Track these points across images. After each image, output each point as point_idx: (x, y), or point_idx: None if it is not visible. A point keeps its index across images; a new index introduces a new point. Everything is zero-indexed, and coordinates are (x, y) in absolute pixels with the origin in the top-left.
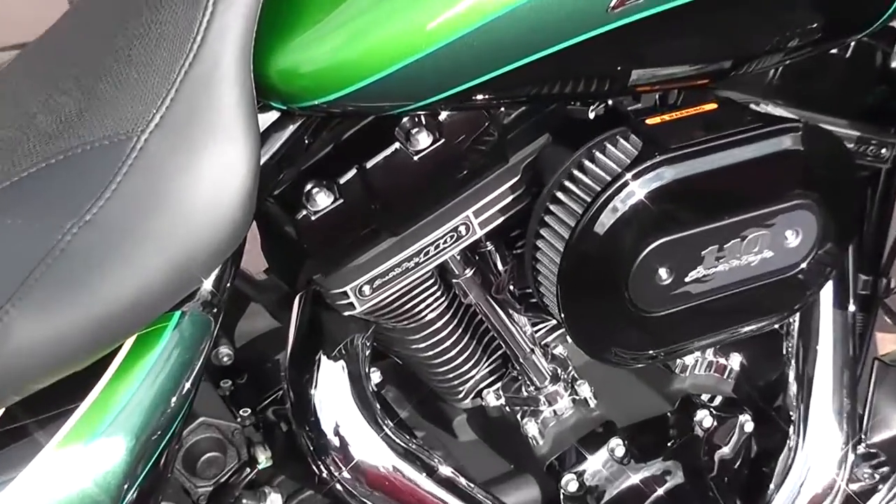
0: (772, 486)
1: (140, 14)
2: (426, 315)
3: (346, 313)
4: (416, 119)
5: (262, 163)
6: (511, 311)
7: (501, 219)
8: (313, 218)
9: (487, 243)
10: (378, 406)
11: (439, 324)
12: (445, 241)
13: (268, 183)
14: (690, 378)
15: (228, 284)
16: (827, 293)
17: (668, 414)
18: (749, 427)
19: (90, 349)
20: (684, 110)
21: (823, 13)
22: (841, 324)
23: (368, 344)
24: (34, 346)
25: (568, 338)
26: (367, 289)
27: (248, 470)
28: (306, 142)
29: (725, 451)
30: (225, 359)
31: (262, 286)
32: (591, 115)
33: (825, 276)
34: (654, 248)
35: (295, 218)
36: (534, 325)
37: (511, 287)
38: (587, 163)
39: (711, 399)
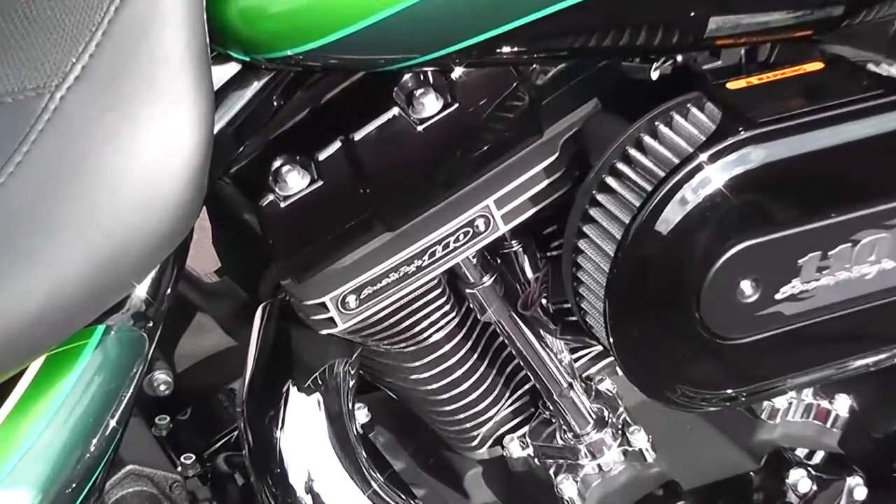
0: None
1: None
2: (431, 336)
3: (325, 331)
4: (422, 77)
5: (216, 130)
6: (543, 333)
7: (532, 210)
8: (283, 204)
9: (513, 243)
10: (364, 454)
11: (447, 347)
12: (458, 239)
13: (223, 157)
14: (782, 426)
15: (169, 290)
16: None
17: (752, 473)
18: (861, 494)
19: None
20: (778, 71)
21: None
22: None
23: (353, 372)
24: None
25: (618, 370)
26: (352, 300)
27: None
28: (275, 104)
29: None
30: (162, 387)
31: (213, 293)
32: (654, 76)
33: None
34: (736, 254)
35: (259, 204)
36: (573, 351)
37: (543, 301)
38: (647, 139)
39: (810, 455)
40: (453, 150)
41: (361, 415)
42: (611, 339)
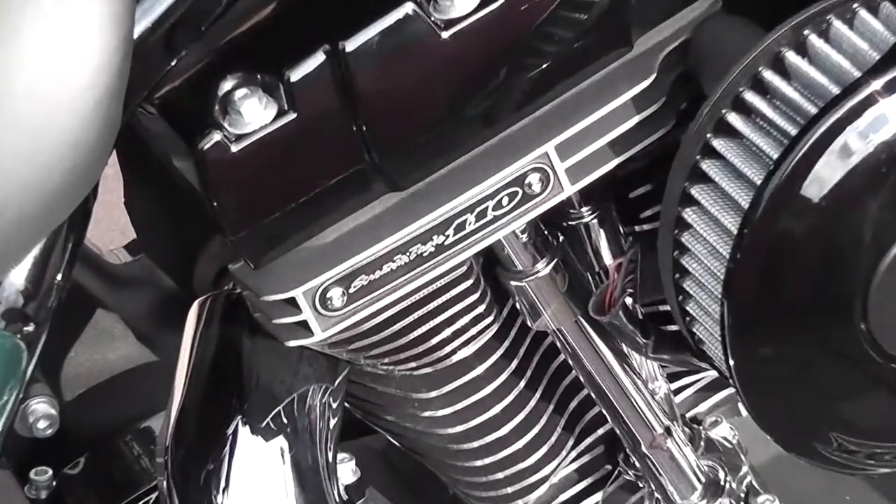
0: None
1: None
2: (456, 352)
3: (295, 343)
4: None
5: (136, 34)
6: (627, 351)
7: (613, 163)
8: (235, 148)
9: (584, 212)
10: None
11: (480, 370)
12: (500, 205)
13: (146, 74)
14: None
15: (59, 278)
16: None
17: None
18: None
19: None
20: None
21: None
22: None
23: (336, 406)
24: None
25: (741, 408)
26: (337, 295)
27: None
28: None
29: None
30: (42, 424)
31: (124, 281)
32: None
33: None
34: None
35: (198, 147)
36: (672, 379)
37: (628, 301)
38: (791, 56)
39: None
40: (494, 69)
41: (347, 470)
42: (731, 362)
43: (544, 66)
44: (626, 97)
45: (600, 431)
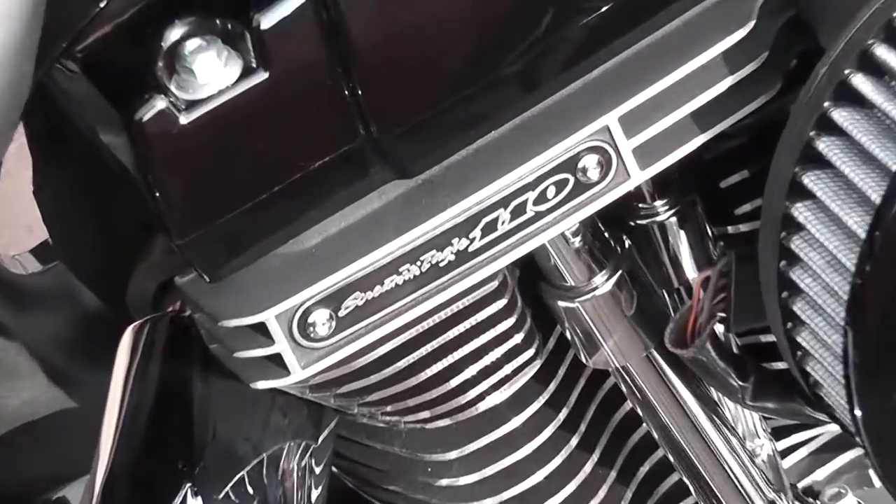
0: None
1: None
2: (482, 398)
3: (264, 384)
4: None
5: None
6: (717, 397)
7: (696, 141)
8: (185, 119)
9: (658, 206)
10: None
11: (516, 422)
12: (543, 197)
13: (66, 18)
14: None
15: None
16: None
17: None
18: None
19: None
20: None
21: None
22: None
23: (320, 471)
24: None
25: (873, 476)
26: (322, 318)
27: None
28: None
29: None
30: None
31: (31, 297)
32: None
33: None
34: None
35: (136, 117)
36: (777, 435)
37: (718, 331)
38: None
39: None
40: (536, 11)
41: None
42: (858, 412)
43: (604, 8)
44: (714, 52)
45: None
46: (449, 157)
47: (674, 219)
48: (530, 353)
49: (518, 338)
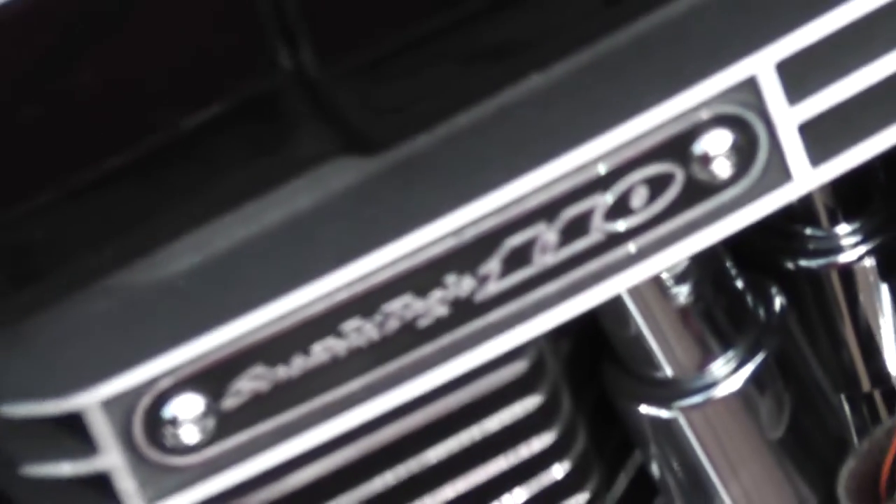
0: None
1: None
2: None
3: None
4: None
5: None
6: None
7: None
8: None
9: (841, 235)
10: None
11: None
12: (622, 207)
13: None
14: None
15: None
16: None
17: None
18: None
19: None
20: None
21: None
22: None
23: None
24: None
25: None
26: (191, 412)
27: None
28: None
29: None
30: None
31: None
32: None
33: None
34: None
35: None
36: None
37: None
38: None
39: None
40: None
41: None
42: None
43: None
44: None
45: None
46: (441, 121)
47: (871, 261)
48: (582, 499)
49: (560, 469)
